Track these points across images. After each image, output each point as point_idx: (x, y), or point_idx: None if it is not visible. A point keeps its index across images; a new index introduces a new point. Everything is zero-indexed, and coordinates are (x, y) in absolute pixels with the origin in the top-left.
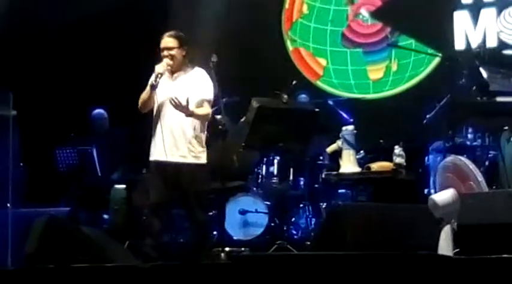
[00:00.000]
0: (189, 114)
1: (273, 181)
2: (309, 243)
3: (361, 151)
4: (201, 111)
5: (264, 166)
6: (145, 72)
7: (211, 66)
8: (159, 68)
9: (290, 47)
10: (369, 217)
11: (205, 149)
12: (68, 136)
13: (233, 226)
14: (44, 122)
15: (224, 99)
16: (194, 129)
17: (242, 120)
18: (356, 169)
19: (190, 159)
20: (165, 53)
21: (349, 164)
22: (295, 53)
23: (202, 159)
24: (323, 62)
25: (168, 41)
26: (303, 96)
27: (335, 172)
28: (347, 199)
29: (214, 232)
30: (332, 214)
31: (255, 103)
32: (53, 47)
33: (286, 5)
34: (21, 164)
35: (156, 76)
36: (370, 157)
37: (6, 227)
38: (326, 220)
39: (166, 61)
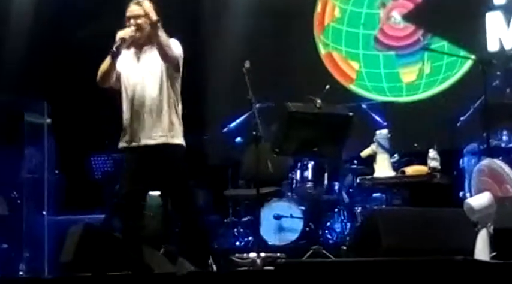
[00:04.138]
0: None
1: (308, 186)
2: (344, 248)
3: (395, 155)
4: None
5: (298, 171)
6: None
7: (244, 72)
8: (121, 33)
9: (322, 50)
10: (404, 221)
11: (182, 126)
12: (103, 143)
13: (268, 232)
14: (79, 130)
15: (258, 105)
16: (169, 103)
17: (276, 125)
18: (391, 173)
19: (170, 139)
20: (132, 21)
21: (383, 168)
22: (328, 57)
23: (181, 138)
24: (356, 65)
25: (134, 9)
26: None
27: (369, 177)
28: (382, 203)
29: (250, 238)
30: (367, 218)
31: (288, 109)
32: (87, 55)
33: (318, 9)
34: (57, 172)
35: (119, 44)
36: (405, 160)
37: (42, 235)
38: (361, 224)
39: (131, 29)
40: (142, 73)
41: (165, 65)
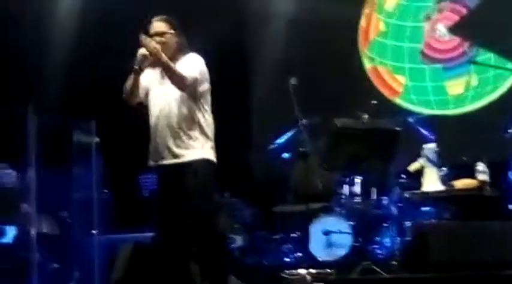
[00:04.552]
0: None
1: (356, 200)
2: (394, 263)
3: (444, 169)
4: (176, 74)
5: (346, 186)
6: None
7: (290, 88)
8: (143, 50)
9: (367, 65)
10: (454, 235)
11: (210, 141)
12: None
13: (317, 247)
14: (127, 148)
15: (304, 121)
16: (192, 120)
17: (323, 141)
18: (439, 187)
19: (194, 155)
20: (156, 39)
21: (432, 182)
22: (373, 71)
23: (207, 153)
24: (401, 79)
25: (158, 25)
26: None
27: (418, 191)
28: (431, 218)
29: (299, 254)
30: (417, 233)
31: (335, 124)
32: None
33: (363, 23)
34: (106, 191)
35: (141, 61)
36: (453, 174)
37: (92, 253)
38: (411, 239)
39: (154, 45)
40: (165, 91)
41: None
